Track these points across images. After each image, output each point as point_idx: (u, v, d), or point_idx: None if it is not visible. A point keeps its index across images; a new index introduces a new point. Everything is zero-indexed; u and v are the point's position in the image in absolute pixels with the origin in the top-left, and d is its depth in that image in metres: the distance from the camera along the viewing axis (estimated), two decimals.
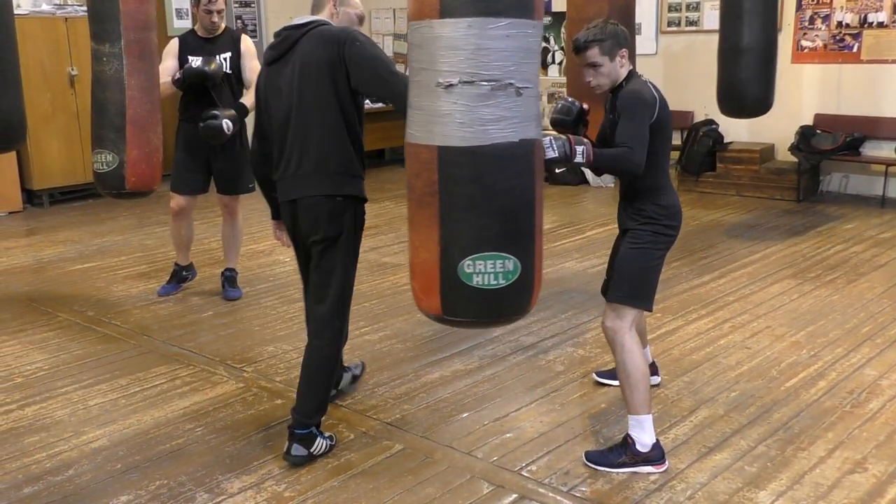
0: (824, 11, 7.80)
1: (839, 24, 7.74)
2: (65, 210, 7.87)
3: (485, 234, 2.40)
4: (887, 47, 7.52)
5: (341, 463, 3.16)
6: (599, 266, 5.14)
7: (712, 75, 6.61)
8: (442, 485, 3.00)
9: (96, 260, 6.10)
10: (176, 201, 5.03)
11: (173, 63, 4.81)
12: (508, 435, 3.36)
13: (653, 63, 8.39)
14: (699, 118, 7.86)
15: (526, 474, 3.07)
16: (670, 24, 8.60)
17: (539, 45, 2.41)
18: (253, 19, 9.87)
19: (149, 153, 4.36)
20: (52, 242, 6.64)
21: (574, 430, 3.40)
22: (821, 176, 8.03)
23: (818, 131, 7.70)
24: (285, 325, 4.67)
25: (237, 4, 9.67)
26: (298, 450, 3.12)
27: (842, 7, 7.71)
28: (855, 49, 7.69)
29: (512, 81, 2.31)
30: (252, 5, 9.87)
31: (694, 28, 8.51)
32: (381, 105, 8.30)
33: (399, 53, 10.40)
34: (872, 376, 3.87)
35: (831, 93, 7.86)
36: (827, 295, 5.03)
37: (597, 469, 3.07)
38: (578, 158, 2.89)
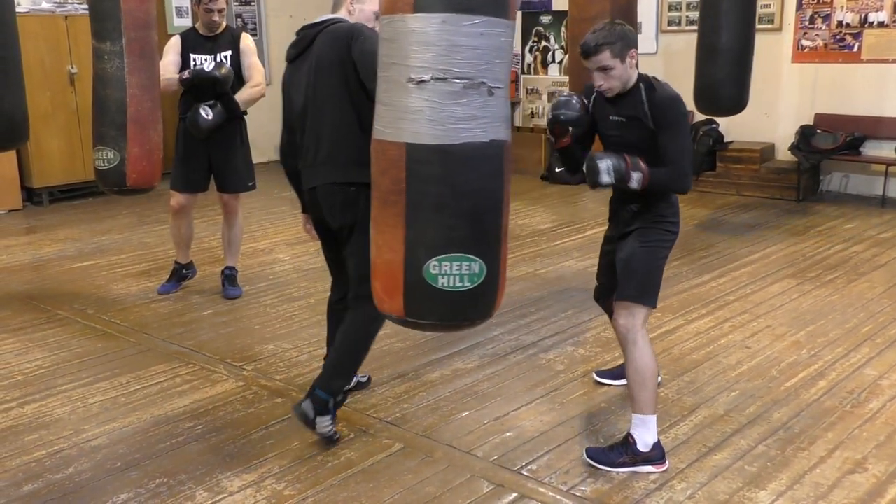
0: (825, 11, 7.80)
1: (840, 24, 7.74)
2: (64, 208, 7.85)
3: (452, 235, 2.32)
4: (888, 47, 7.53)
5: (341, 461, 3.16)
6: None
7: None
8: (442, 484, 3.00)
9: (96, 258, 6.10)
10: (176, 199, 5.03)
11: (175, 59, 4.80)
12: (508, 434, 3.36)
13: (653, 62, 8.39)
14: (699, 117, 7.85)
15: (526, 473, 3.07)
16: (671, 24, 8.60)
17: (511, 46, 2.37)
18: (253, 18, 9.87)
19: (149, 150, 4.38)
20: (52, 240, 6.64)
21: (574, 430, 3.39)
22: (821, 175, 8.04)
23: (818, 131, 7.70)
24: (285, 324, 4.66)
25: (237, 3, 9.68)
26: (306, 406, 3.18)
27: (842, 7, 7.71)
28: (855, 49, 7.69)
29: (484, 80, 2.25)
30: (252, 4, 9.88)
31: (694, 27, 8.43)
32: None
33: None
34: (872, 376, 3.87)
35: (832, 92, 7.86)
36: (827, 295, 5.03)
37: (597, 468, 3.06)
38: (633, 185, 2.88)
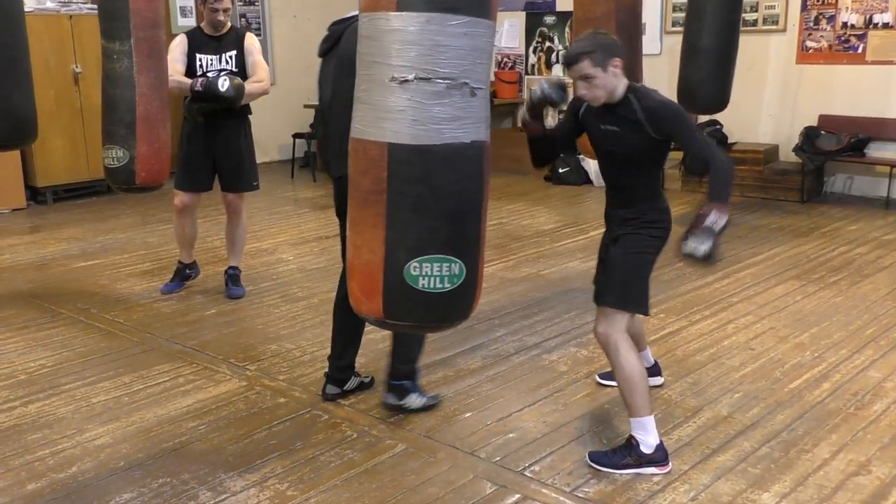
0: (829, 12, 7.79)
1: (844, 25, 7.73)
2: (68, 207, 7.86)
3: (433, 236, 2.32)
4: (892, 48, 7.51)
5: (344, 462, 3.16)
6: None
7: None
8: (445, 484, 3.00)
9: (100, 257, 6.10)
10: (180, 199, 5.03)
11: (182, 58, 4.82)
12: (511, 435, 3.36)
13: (657, 63, 8.38)
14: (703, 119, 7.85)
15: (529, 474, 3.07)
16: (675, 25, 8.58)
17: (492, 47, 2.36)
18: (257, 17, 9.88)
19: (158, 149, 4.42)
20: (56, 240, 6.65)
21: (577, 431, 3.39)
22: (825, 177, 8.02)
23: (822, 132, 7.68)
24: (288, 324, 4.66)
25: (241, 3, 9.69)
26: (389, 398, 3.54)
27: (847, 8, 7.69)
28: (860, 50, 7.68)
29: (467, 81, 2.24)
30: (256, 4, 9.89)
31: None
32: None
33: None
34: (876, 378, 3.86)
35: (836, 94, 7.84)
36: (831, 296, 5.03)
37: (600, 470, 3.06)
38: (725, 218, 2.96)
